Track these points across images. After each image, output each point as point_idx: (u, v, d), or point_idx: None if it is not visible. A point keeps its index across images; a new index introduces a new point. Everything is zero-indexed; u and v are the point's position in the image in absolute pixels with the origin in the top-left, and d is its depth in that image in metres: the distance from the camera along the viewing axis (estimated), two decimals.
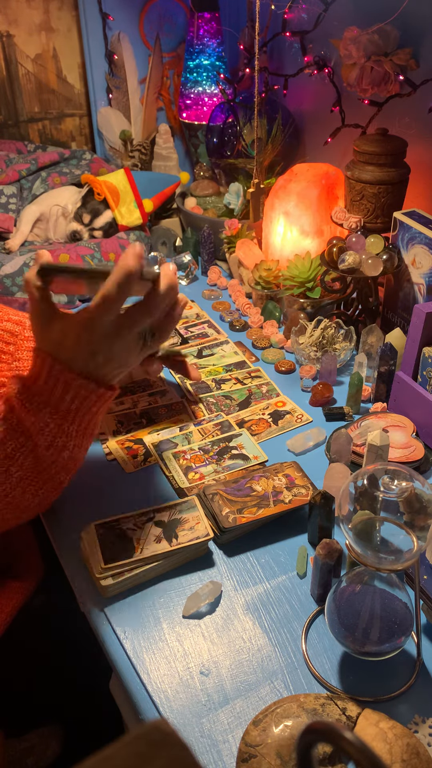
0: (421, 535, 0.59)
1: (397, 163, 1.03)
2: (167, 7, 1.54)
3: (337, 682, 0.64)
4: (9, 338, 0.97)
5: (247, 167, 1.36)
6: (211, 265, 1.38)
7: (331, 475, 0.80)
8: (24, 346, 0.95)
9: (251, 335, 1.17)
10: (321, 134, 1.33)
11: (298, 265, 1.12)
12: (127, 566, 0.71)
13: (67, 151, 1.44)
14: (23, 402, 0.71)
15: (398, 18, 1.05)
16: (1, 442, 0.70)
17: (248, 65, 1.43)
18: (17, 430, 0.71)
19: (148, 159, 1.59)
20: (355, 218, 1.07)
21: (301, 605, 0.71)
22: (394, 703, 0.63)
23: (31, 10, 1.44)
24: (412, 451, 0.85)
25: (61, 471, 0.74)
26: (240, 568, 0.75)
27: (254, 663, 0.66)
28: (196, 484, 0.85)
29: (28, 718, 0.96)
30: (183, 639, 0.68)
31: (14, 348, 0.96)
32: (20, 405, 0.70)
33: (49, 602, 1.07)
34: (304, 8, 1.26)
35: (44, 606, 1.06)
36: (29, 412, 0.70)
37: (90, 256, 1.24)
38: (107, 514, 0.80)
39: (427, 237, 0.96)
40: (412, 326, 0.90)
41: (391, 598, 0.64)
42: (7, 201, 1.32)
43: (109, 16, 1.48)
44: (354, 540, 0.59)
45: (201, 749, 0.59)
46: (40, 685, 0.98)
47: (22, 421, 0.70)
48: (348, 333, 1.07)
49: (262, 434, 0.94)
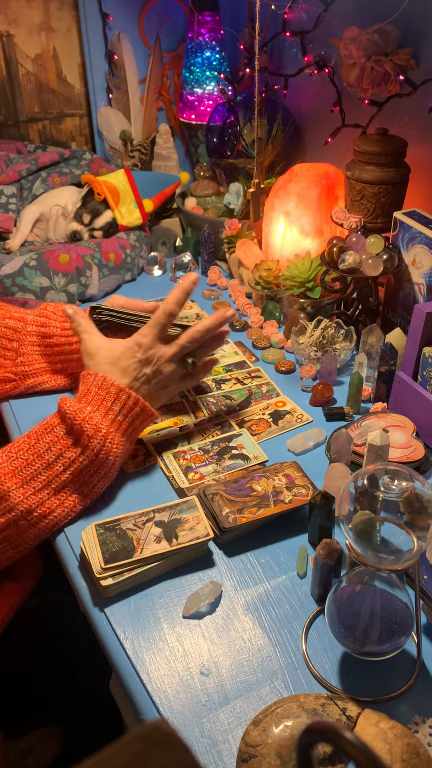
0: (421, 535, 0.59)
1: (397, 163, 1.03)
2: (167, 7, 1.54)
3: (337, 682, 0.64)
4: (12, 335, 0.98)
5: (247, 167, 1.36)
6: (211, 265, 1.38)
7: (331, 475, 0.80)
8: (27, 341, 0.97)
9: (251, 335, 1.17)
10: (321, 134, 1.33)
11: (298, 265, 1.12)
12: (127, 566, 0.71)
13: (67, 151, 1.44)
14: (75, 408, 0.79)
15: (398, 18, 1.05)
16: (56, 441, 0.78)
17: (248, 65, 1.43)
18: (71, 432, 0.78)
19: (148, 159, 1.59)
20: (355, 218, 1.07)
21: (301, 605, 0.71)
22: (394, 703, 0.63)
23: (31, 10, 1.44)
24: (412, 451, 0.85)
25: (103, 479, 0.81)
26: (240, 568, 0.75)
27: (254, 663, 0.66)
28: (196, 484, 0.85)
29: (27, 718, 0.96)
30: (183, 639, 0.68)
31: (17, 344, 0.97)
32: (72, 409, 0.79)
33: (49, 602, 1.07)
34: (304, 8, 1.26)
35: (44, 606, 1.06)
36: (82, 414, 0.78)
37: (90, 256, 1.24)
38: (107, 514, 0.80)
39: (428, 237, 0.96)
40: (412, 326, 0.90)
41: (392, 598, 0.64)
42: (7, 201, 1.32)
43: (109, 16, 1.48)
44: (354, 540, 0.59)
45: (201, 749, 0.59)
46: (40, 686, 0.98)
47: (74, 420, 0.78)
48: (348, 333, 1.07)
49: (262, 434, 0.94)
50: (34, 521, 0.75)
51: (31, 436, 0.78)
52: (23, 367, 0.96)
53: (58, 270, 1.20)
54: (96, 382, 0.81)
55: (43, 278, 1.19)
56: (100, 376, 0.82)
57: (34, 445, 0.77)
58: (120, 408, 0.80)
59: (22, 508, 0.74)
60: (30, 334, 0.96)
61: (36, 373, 0.97)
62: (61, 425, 0.79)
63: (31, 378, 0.97)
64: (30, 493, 0.75)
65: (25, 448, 0.77)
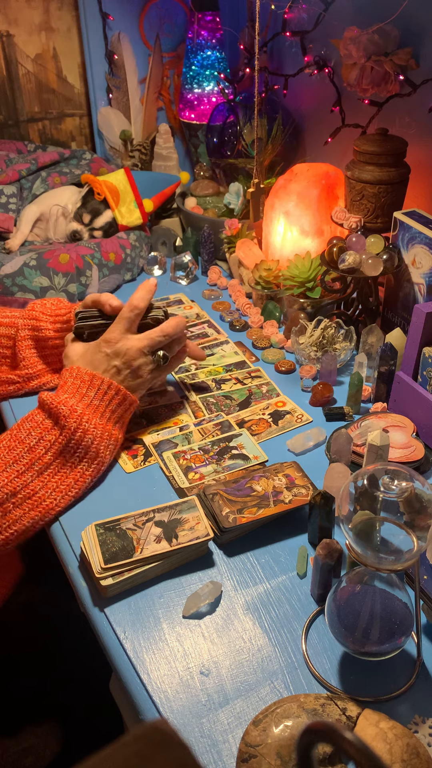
0: (421, 535, 0.59)
1: (397, 163, 1.03)
2: (167, 7, 1.54)
3: (337, 682, 0.64)
4: (6, 342, 1.00)
5: (247, 167, 1.36)
6: (211, 265, 1.38)
7: (331, 475, 0.80)
8: (23, 345, 0.98)
9: (251, 335, 1.17)
10: (321, 134, 1.33)
11: (298, 265, 1.12)
12: (127, 566, 0.71)
13: (67, 151, 1.44)
14: (52, 395, 0.83)
15: (398, 18, 1.05)
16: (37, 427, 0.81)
17: (248, 65, 1.42)
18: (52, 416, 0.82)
19: (148, 159, 1.59)
20: (355, 218, 1.07)
21: (301, 605, 0.71)
22: (394, 704, 0.63)
23: (31, 10, 1.44)
24: (412, 451, 0.85)
25: (87, 462, 0.83)
26: (240, 568, 0.75)
27: (254, 663, 0.66)
28: (196, 484, 0.85)
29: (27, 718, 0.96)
30: (183, 639, 0.68)
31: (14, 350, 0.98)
32: (49, 397, 0.83)
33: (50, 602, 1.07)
34: (304, 8, 1.26)
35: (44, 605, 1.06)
36: (58, 399, 0.82)
37: (90, 256, 1.24)
38: (107, 514, 0.80)
39: (428, 237, 0.96)
40: (412, 326, 0.90)
41: (391, 598, 0.64)
42: (7, 201, 1.32)
43: (109, 16, 1.48)
44: (354, 540, 0.59)
45: (201, 749, 0.59)
46: (39, 685, 0.97)
47: (53, 405, 0.82)
48: (348, 333, 1.07)
49: (262, 434, 0.94)
50: (19, 502, 0.78)
51: (13, 428, 0.83)
52: (27, 370, 0.99)
53: (58, 270, 1.20)
54: (71, 373, 0.87)
55: (43, 278, 1.19)
56: (74, 368, 0.87)
57: (15, 433, 0.81)
58: (95, 393, 0.85)
59: (6, 490, 0.77)
60: (24, 339, 0.98)
61: (38, 374, 1.00)
62: (40, 412, 0.83)
63: (34, 380, 1.00)
64: (14, 476, 0.78)
65: (8, 438, 0.81)
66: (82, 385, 0.85)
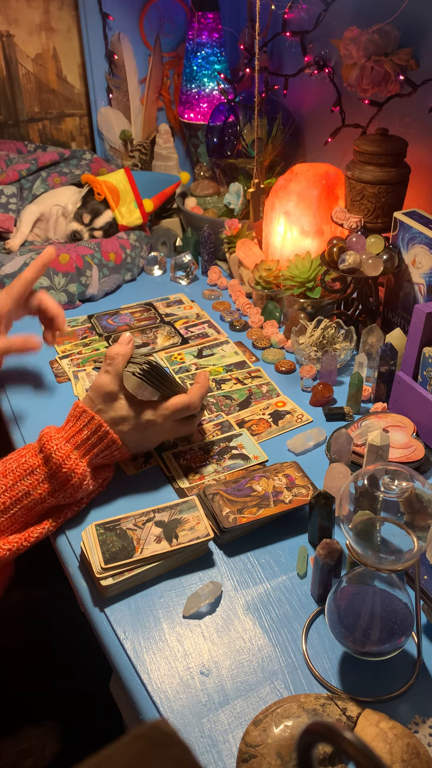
0: (422, 535, 0.59)
1: (397, 163, 1.03)
2: (167, 7, 1.54)
3: (338, 682, 0.64)
4: None
5: (247, 167, 1.36)
6: (211, 265, 1.38)
7: (331, 475, 0.80)
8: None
9: (251, 335, 1.17)
10: (321, 134, 1.33)
11: (298, 265, 1.12)
12: (127, 566, 0.71)
13: (67, 151, 1.45)
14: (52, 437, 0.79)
15: (398, 18, 1.05)
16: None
17: (248, 65, 1.43)
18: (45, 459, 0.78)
19: (148, 159, 1.59)
20: (355, 218, 1.07)
21: (302, 605, 0.71)
22: (394, 704, 0.63)
23: (31, 10, 1.44)
24: (413, 451, 0.85)
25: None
26: (240, 568, 0.75)
27: (254, 663, 0.66)
28: (196, 484, 0.85)
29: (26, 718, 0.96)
30: (183, 639, 0.68)
31: None
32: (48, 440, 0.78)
33: (49, 602, 1.07)
34: (304, 8, 1.26)
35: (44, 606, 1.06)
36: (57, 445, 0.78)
37: (90, 255, 1.24)
38: (107, 514, 0.80)
39: (428, 237, 0.96)
40: (412, 326, 0.90)
41: (392, 598, 0.64)
42: (7, 201, 1.32)
43: (109, 16, 1.48)
44: (354, 540, 0.59)
45: (201, 749, 0.59)
46: (39, 686, 0.97)
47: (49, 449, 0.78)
48: (348, 333, 1.07)
49: (262, 434, 0.94)
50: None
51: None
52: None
53: (58, 270, 1.20)
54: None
55: (43, 278, 1.19)
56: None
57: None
58: (74, 423, 0.80)
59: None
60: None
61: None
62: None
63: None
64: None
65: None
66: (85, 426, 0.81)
